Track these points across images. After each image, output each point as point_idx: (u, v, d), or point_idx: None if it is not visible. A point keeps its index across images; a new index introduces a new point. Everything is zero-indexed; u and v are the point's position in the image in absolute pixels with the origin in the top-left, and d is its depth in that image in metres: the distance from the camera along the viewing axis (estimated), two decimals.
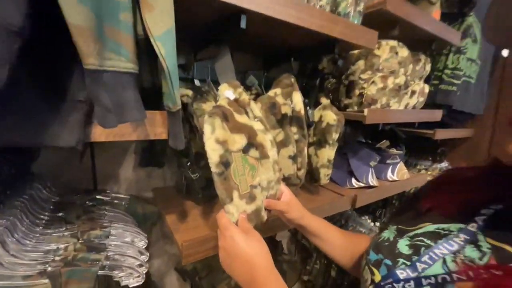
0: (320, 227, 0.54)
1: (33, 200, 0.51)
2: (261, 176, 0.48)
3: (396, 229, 0.40)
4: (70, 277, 0.39)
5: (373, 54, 0.77)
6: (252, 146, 0.46)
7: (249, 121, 0.48)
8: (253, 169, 0.47)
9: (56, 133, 0.31)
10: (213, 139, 0.41)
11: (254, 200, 0.47)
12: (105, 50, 0.28)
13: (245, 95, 0.49)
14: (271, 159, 0.50)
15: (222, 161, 0.41)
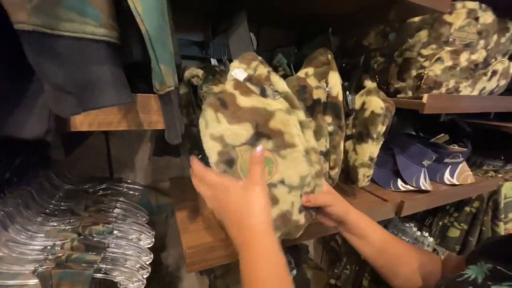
0: (367, 226, 0.47)
1: (42, 188, 0.49)
2: (285, 172, 0.38)
3: (490, 268, 0.29)
4: (62, 279, 0.36)
5: (441, 21, 0.59)
6: (262, 136, 0.37)
7: (261, 102, 0.37)
8: (268, 163, 0.37)
9: (20, 121, 0.25)
10: (208, 136, 0.35)
11: (277, 203, 0.38)
12: (60, 6, 0.20)
13: (262, 69, 0.38)
14: (301, 147, 0.39)
15: (222, 160, 0.35)
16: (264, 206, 0.33)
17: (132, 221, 0.52)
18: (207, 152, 0.35)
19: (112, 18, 0.24)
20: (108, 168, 0.66)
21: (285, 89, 0.40)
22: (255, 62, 0.38)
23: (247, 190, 0.34)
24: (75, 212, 0.48)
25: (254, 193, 0.33)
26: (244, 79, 0.37)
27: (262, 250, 0.31)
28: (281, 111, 0.37)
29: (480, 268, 0.30)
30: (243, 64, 0.37)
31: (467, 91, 0.65)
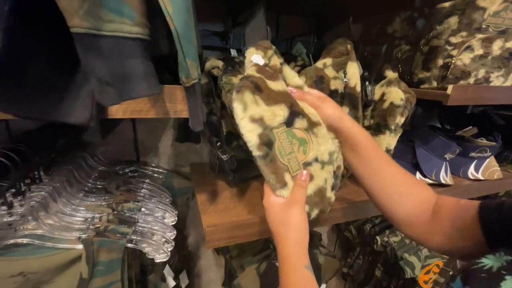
0: (363, 138, 0.40)
1: (81, 168, 0.55)
2: (317, 149, 0.39)
3: (509, 260, 0.28)
4: (101, 246, 0.41)
5: (474, 7, 0.55)
6: (296, 115, 0.38)
7: (285, 86, 0.39)
8: (303, 143, 0.38)
9: (67, 108, 0.29)
10: (247, 118, 0.34)
11: (312, 179, 0.39)
12: (102, 9, 0.23)
13: (276, 60, 0.39)
14: (323, 124, 0.40)
15: (263, 142, 0.35)
16: (298, 224, 0.36)
17: (157, 201, 0.57)
18: (247, 136, 0.35)
19: (144, 17, 0.26)
20: (135, 152, 0.72)
21: (297, 83, 0.41)
22: (270, 51, 0.38)
23: (286, 208, 0.37)
24: (108, 191, 0.54)
25: (292, 211, 0.36)
26: (263, 64, 0.38)
27: (293, 262, 0.34)
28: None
29: (499, 258, 0.30)
30: (260, 51, 0.38)
31: (499, 81, 0.61)
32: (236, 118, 0.35)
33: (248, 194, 0.60)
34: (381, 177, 0.41)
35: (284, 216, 0.37)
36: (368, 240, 1.00)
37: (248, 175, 0.62)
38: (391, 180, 0.41)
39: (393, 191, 0.41)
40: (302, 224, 0.37)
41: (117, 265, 0.43)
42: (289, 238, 0.36)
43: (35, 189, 0.42)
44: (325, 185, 0.40)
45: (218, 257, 0.94)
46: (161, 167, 0.70)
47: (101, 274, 0.43)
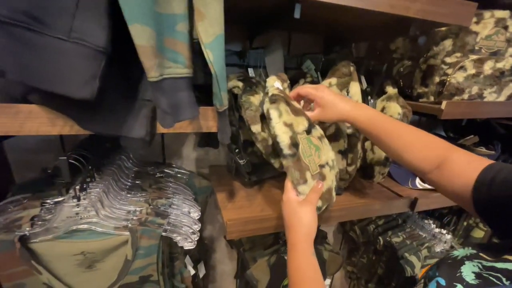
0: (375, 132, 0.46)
1: (121, 169, 0.65)
2: (326, 155, 0.48)
3: (473, 253, 0.33)
4: (143, 233, 0.51)
5: (468, 31, 0.61)
6: (313, 126, 0.48)
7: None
8: (318, 149, 0.47)
9: (130, 126, 0.38)
10: (282, 123, 0.44)
11: (325, 179, 0.47)
12: (165, 60, 0.32)
13: (288, 92, 0.49)
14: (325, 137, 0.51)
15: (292, 143, 0.44)
16: (309, 220, 0.44)
17: (183, 198, 0.66)
18: (281, 137, 0.43)
19: (190, 60, 0.35)
20: (162, 155, 0.82)
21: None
22: (286, 84, 0.47)
23: (302, 205, 0.45)
24: (143, 188, 0.64)
25: (306, 209, 0.44)
26: (281, 91, 0.47)
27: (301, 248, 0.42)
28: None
29: (466, 250, 0.36)
30: (279, 81, 0.48)
31: (492, 97, 0.66)
32: (272, 122, 0.44)
33: (261, 194, 0.68)
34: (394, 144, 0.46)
35: (299, 211, 0.45)
36: (371, 240, 1.06)
37: (261, 177, 0.71)
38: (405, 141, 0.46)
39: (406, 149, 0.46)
40: (313, 221, 0.45)
41: (154, 250, 0.53)
42: (301, 230, 0.44)
43: (92, 186, 0.52)
44: (332, 185, 0.49)
45: (231, 251, 1.03)
46: (184, 169, 0.80)
47: (142, 256, 0.52)
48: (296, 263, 0.41)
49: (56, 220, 0.48)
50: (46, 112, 0.36)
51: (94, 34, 0.29)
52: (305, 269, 0.41)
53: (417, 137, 0.46)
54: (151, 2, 0.28)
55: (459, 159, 0.41)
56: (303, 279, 0.40)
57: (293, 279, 0.41)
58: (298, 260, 0.42)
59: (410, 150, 0.46)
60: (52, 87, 0.29)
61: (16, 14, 0.26)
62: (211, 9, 0.31)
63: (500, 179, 0.34)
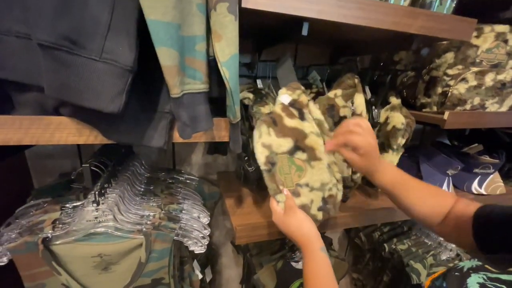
0: (396, 187, 0.50)
1: (134, 174, 0.68)
2: (310, 177, 0.51)
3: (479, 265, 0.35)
4: (157, 237, 0.53)
5: (468, 44, 0.64)
6: (299, 149, 0.50)
7: (300, 124, 0.50)
8: (300, 169, 0.50)
9: (150, 136, 0.41)
10: (260, 143, 0.48)
11: (299, 196, 0.51)
12: (185, 77, 0.35)
13: (304, 97, 0.50)
14: (325, 162, 0.51)
15: (268, 161, 0.49)
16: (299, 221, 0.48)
17: (193, 203, 0.69)
18: (258, 155, 0.49)
19: (207, 76, 0.38)
20: (172, 161, 0.85)
21: (318, 116, 0.52)
22: (299, 91, 0.50)
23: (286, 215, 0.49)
24: (155, 194, 0.67)
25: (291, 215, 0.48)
26: (289, 103, 0.50)
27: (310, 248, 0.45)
28: (313, 133, 0.50)
29: (472, 262, 0.38)
30: (289, 91, 0.50)
31: (494, 107, 0.68)
32: (254, 141, 0.49)
33: (268, 200, 0.70)
34: (405, 196, 0.51)
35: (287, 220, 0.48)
36: (377, 247, 1.07)
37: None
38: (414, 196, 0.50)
39: (414, 202, 0.50)
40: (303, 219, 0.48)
41: (166, 253, 0.55)
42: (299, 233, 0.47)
43: (109, 191, 0.55)
44: (310, 205, 0.51)
45: (237, 256, 1.05)
46: (193, 175, 0.83)
47: (155, 260, 0.55)
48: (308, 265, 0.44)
49: (76, 224, 0.50)
50: (74, 124, 0.39)
51: (122, 54, 0.32)
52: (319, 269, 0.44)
53: (425, 193, 0.51)
54: (176, 27, 0.31)
55: (458, 205, 0.46)
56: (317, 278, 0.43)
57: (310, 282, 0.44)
58: (310, 261, 0.44)
59: (420, 205, 0.50)
60: (84, 102, 0.32)
61: (58, 40, 0.29)
62: (228, 31, 0.34)
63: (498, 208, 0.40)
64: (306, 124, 0.50)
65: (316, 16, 0.44)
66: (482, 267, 0.35)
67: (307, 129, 0.50)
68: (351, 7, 0.46)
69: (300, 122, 0.49)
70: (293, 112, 0.49)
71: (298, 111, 0.50)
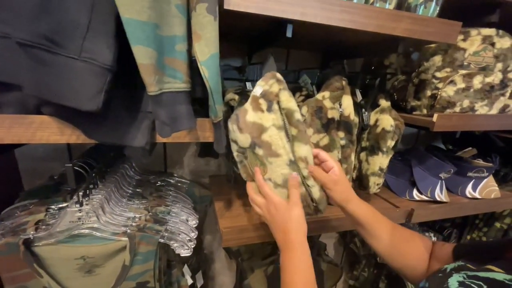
0: (368, 217, 0.51)
1: (123, 177, 0.68)
2: (271, 173, 0.49)
3: (461, 264, 0.36)
4: (141, 239, 0.53)
5: (456, 47, 0.64)
6: (255, 145, 0.48)
7: (261, 118, 0.46)
8: (262, 164, 0.49)
9: (133, 136, 0.41)
10: (230, 139, 0.51)
11: None
12: (164, 76, 0.35)
13: (275, 86, 0.46)
14: (285, 157, 0.47)
15: (238, 154, 0.52)
16: (301, 222, 0.46)
17: (182, 206, 0.68)
18: (232, 149, 0.51)
19: (188, 75, 0.38)
20: (164, 164, 0.85)
21: (288, 106, 0.47)
22: (272, 80, 0.47)
23: (289, 209, 0.46)
24: (144, 196, 0.66)
25: (293, 212, 0.46)
26: (260, 94, 0.47)
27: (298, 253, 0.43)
28: (274, 127, 0.46)
29: (455, 264, 0.38)
30: (263, 82, 0.48)
31: (483, 110, 0.68)
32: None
33: None
34: (380, 240, 0.51)
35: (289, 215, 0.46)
36: (372, 253, 1.05)
37: None
38: (387, 240, 0.51)
39: (386, 246, 0.51)
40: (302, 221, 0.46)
41: (151, 256, 0.54)
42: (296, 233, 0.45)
43: (95, 192, 0.55)
44: None
45: (231, 262, 1.03)
46: (184, 178, 0.82)
47: (139, 262, 0.54)
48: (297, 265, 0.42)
49: (59, 225, 0.50)
50: (56, 123, 0.39)
51: (102, 54, 0.32)
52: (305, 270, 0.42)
53: (398, 236, 0.51)
54: (153, 26, 0.31)
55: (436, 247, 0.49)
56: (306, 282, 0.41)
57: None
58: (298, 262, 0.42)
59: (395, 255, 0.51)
60: (62, 100, 0.32)
61: (36, 38, 0.29)
62: (207, 31, 0.34)
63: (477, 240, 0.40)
64: (270, 116, 0.46)
65: (299, 18, 0.45)
66: (464, 267, 0.36)
67: (268, 122, 0.46)
68: (334, 10, 0.46)
69: (263, 115, 0.46)
70: (262, 104, 0.46)
71: (267, 103, 0.47)
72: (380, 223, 0.52)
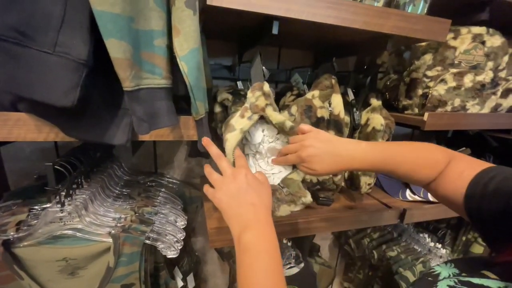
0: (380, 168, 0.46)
1: (111, 177, 0.66)
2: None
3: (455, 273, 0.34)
4: (125, 240, 0.51)
5: (446, 46, 0.64)
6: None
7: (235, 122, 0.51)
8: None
9: (113, 134, 0.40)
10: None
11: None
12: (142, 71, 0.34)
13: (262, 100, 0.50)
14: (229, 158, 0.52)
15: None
16: (269, 194, 0.43)
17: (171, 207, 0.67)
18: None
19: (169, 71, 0.38)
20: (154, 164, 0.84)
21: (277, 119, 0.51)
22: (258, 93, 0.50)
23: (260, 179, 0.44)
24: (131, 197, 0.65)
25: (263, 179, 0.45)
26: (249, 105, 0.51)
27: (270, 231, 0.39)
28: (239, 130, 0.50)
29: (448, 269, 0.36)
30: (250, 93, 0.51)
31: (475, 109, 0.68)
32: None
33: None
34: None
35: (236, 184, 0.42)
36: (367, 254, 1.04)
37: None
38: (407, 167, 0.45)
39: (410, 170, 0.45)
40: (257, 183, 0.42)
41: (136, 257, 0.53)
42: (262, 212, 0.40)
43: (78, 192, 0.53)
44: None
45: (224, 264, 1.02)
46: (175, 178, 0.81)
47: (124, 264, 0.52)
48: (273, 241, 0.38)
49: (40, 225, 0.49)
50: (33, 120, 0.38)
51: (76, 48, 0.31)
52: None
53: (417, 156, 0.46)
54: (127, 19, 0.30)
55: (451, 171, 0.41)
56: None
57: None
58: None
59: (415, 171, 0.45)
60: (36, 96, 0.32)
61: (5, 30, 0.29)
62: (186, 26, 0.33)
63: (490, 191, 0.34)
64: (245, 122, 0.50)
65: (284, 15, 0.44)
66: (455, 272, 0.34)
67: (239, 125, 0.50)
68: (320, 6, 0.46)
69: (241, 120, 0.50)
70: (247, 112, 0.50)
71: (251, 113, 0.51)
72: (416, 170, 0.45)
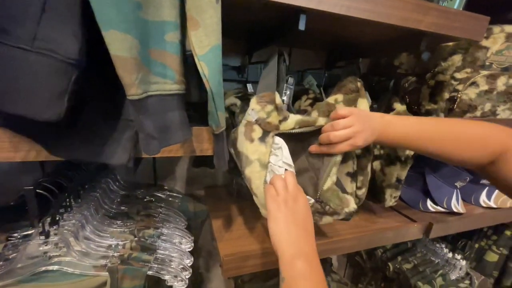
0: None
1: (105, 193, 0.58)
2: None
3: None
4: (125, 273, 0.43)
5: (477, 46, 0.58)
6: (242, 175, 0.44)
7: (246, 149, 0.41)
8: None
9: (111, 151, 0.32)
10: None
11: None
12: (150, 74, 0.27)
13: (275, 117, 0.41)
14: (259, 196, 0.43)
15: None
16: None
17: (173, 226, 0.59)
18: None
19: (182, 75, 0.30)
20: (153, 175, 0.75)
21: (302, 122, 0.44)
22: (270, 107, 0.40)
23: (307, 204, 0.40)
24: (129, 216, 0.57)
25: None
26: (256, 120, 0.41)
27: (317, 262, 0.34)
28: (258, 162, 0.40)
29: None
30: (258, 105, 0.41)
31: (505, 114, 0.63)
32: None
33: (262, 220, 0.62)
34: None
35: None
36: (380, 266, 0.98)
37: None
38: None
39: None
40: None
41: None
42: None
43: (66, 217, 0.45)
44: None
45: (228, 281, 0.94)
46: (176, 191, 0.73)
47: None
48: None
49: (21, 260, 0.40)
50: (9, 136, 0.30)
51: (64, 43, 0.24)
52: None
53: (469, 136, 0.41)
54: (133, 5, 0.23)
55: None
56: None
57: None
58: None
59: (462, 150, 0.41)
60: (8, 107, 0.24)
61: None
62: (207, 17, 0.26)
63: None
64: (259, 148, 0.40)
65: (315, 7, 0.38)
66: None
67: (254, 155, 0.40)
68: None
69: (251, 145, 0.40)
70: (256, 130, 0.40)
71: (262, 131, 0.41)
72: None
